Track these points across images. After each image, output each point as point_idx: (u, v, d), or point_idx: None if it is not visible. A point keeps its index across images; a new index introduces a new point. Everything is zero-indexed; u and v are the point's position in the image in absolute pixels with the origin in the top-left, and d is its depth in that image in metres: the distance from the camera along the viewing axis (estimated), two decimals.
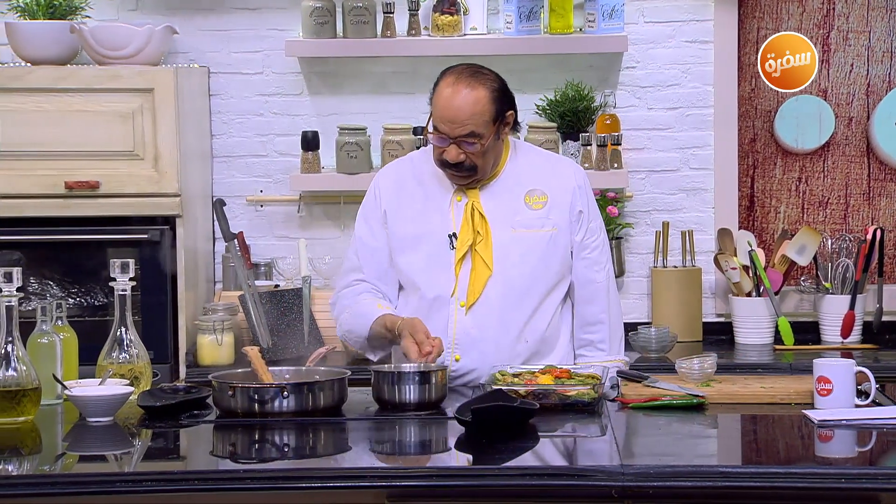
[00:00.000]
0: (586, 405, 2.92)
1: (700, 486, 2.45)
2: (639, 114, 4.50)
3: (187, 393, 3.01)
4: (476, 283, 3.20)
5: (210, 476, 2.53)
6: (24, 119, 4.02)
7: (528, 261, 3.22)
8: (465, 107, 3.11)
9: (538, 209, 3.24)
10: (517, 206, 3.24)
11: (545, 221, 3.24)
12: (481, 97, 3.12)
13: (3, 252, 4.08)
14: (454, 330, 3.20)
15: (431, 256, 3.22)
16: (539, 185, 3.26)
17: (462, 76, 3.14)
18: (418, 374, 2.93)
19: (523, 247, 3.22)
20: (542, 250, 3.23)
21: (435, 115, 3.15)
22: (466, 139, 3.12)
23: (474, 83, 3.13)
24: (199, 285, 4.31)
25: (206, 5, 4.48)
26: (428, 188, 3.26)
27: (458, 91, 3.12)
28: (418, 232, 3.24)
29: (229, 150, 4.52)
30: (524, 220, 3.23)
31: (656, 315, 4.44)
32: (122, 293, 3.06)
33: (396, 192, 3.28)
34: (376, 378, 2.94)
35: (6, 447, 2.74)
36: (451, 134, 3.12)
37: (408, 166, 3.34)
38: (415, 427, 2.85)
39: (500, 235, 3.21)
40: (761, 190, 4.58)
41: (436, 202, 3.25)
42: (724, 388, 3.07)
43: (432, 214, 3.24)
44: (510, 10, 4.34)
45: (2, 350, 2.85)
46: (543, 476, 2.48)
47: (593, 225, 3.31)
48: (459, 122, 3.11)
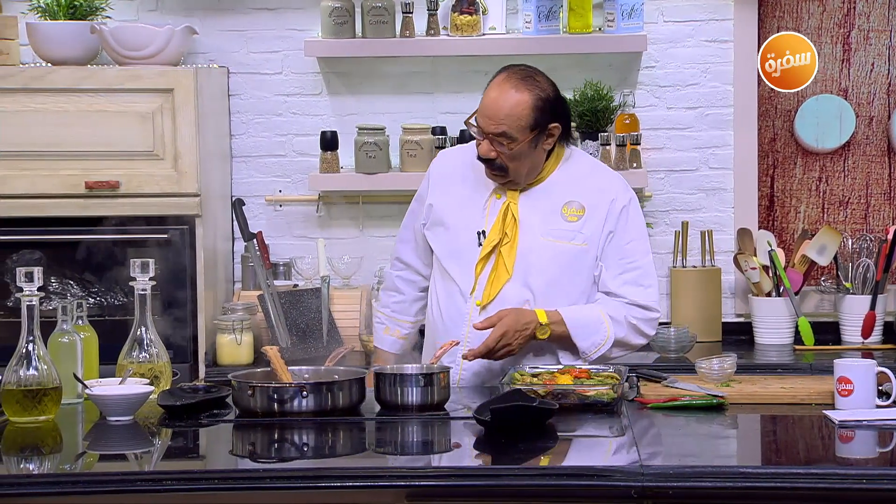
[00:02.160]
0: (605, 405, 2.91)
1: (720, 487, 2.45)
2: (658, 113, 4.49)
3: (207, 392, 3.01)
4: (493, 285, 3.19)
5: (230, 475, 2.54)
6: (45, 119, 4.03)
7: (551, 271, 3.19)
8: (503, 106, 3.10)
9: (573, 221, 3.20)
10: (553, 214, 3.21)
11: (576, 235, 3.20)
12: (522, 101, 3.11)
13: (24, 252, 4.09)
14: (467, 327, 3.20)
15: (458, 248, 3.23)
16: (579, 197, 3.22)
17: (512, 76, 3.14)
18: (421, 376, 2.92)
19: (548, 256, 3.19)
20: (567, 263, 3.19)
21: (480, 107, 3.16)
22: (498, 138, 3.12)
23: (521, 86, 3.12)
24: (219, 285, 4.32)
25: (225, 6, 4.49)
26: (473, 180, 3.26)
27: (504, 90, 3.12)
28: (452, 221, 3.24)
29: (248, 150, 4.53)
30: (556, 230, 3.20)
31: (675, 315, 4.43)
32: (142, 293, 3.07)
33: (445, 177, 3.30)
34: (379, 380, 2.93)
35: (27, 446, 2.75)
36: (485, 129, 3.13)
37: (461, 156, 3.33)
38: (433, 427, 2.85)
39: (528, 240, 3.19)
40: (781, 189, 4.56)
41: (476, 196, 3.24)
42: (743, 388, 3.06)
43: (469, 207, 3.24)
44: (529, 9, 4.34)
45: (23, 349, 2.87)
46: (563, 476, 2.48)
47: (633, 246, 3.22)
48: (495, 119, 3.11)
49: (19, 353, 2.86)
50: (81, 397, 3.04)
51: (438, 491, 2.49)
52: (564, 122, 3.19)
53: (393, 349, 3.39)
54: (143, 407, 2.94)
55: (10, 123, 4.03)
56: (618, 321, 3.19)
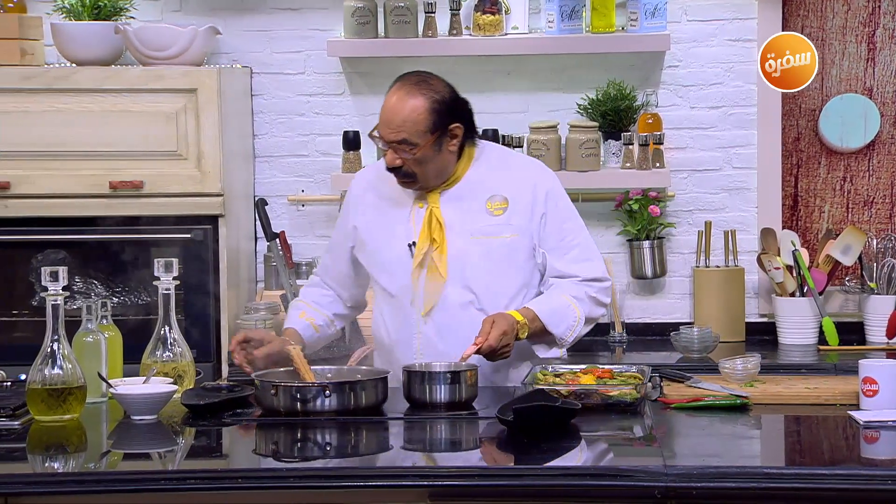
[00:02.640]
0: (628, 405, 2.90)
1: (743, 487, 2.44)
2: (681, 113, 4.48)
3: (230, 392, 3.02)
4: (431, 292, 3.19)
5: (253, 475, 2.55)
6: (69, 119, 4.05)
7: (487, 268, 3.20)
8: (399, 113, 3.11)
9: (499, 215, 3.22)
10: (477, 212, 3.22)
11: (505, 228, 3.21)
12: (417, 106, 3.11)
13: (49, 251, 4.11)
14: (418, 339, 3.22)
15: (393, 264, 3.23)
16: (500, 190, 3.23)
17: (405, 83, 3.15)
18: (449, 373, 2.93)
19: (481, 254, 3.20)
20: (502, 257, 3.21)
21: (379, 119, 3.17)
22: (400, 145, 3.12)
23: (414, 91, 3.12)
24: (241, 284, 4.33)
25: (248, 6, 4.51)
26: (392, 194, 3.26)
27: (398, 97, 3.13)
28: (382, 238, 3.25)
29: (271, 150, 4.54)
30: (483, 226, 3.21)
31: (698, 315, 4.41)
32: (165, 292, 3.08)
33: (362, 197, 3.31)
34: (408, 377, 2.94)
35: (52, 445, 2.77)
36: (385, 138, 3.14)
37: (374, 172, 3.35)
38: (456, 426, 2.85)
39: (458, 242, 3.20)
40: (805, 189, 4.54)
41: (398, 209, 3.25)
42: (767, 388, 3.05)
43: (395, 221, 3.25)
44: (552, 9, 4.33)
45: (48, 348, 2.88)
46: (586, 476, 2.48)
47: (569, 225, 3.26)
48: (393, 127, 3.12)
49: (44, 352, 2.88)
50: (106, 396, 3.05)
51: (461, 490, 2.49)
52: (466, 122, 3.19)
53: (305, 333, 3.32)
54: (167, 406, 2.95)
55: (34, 123, 4.05)
56: (580, 299, 3.23)
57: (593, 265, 3.27)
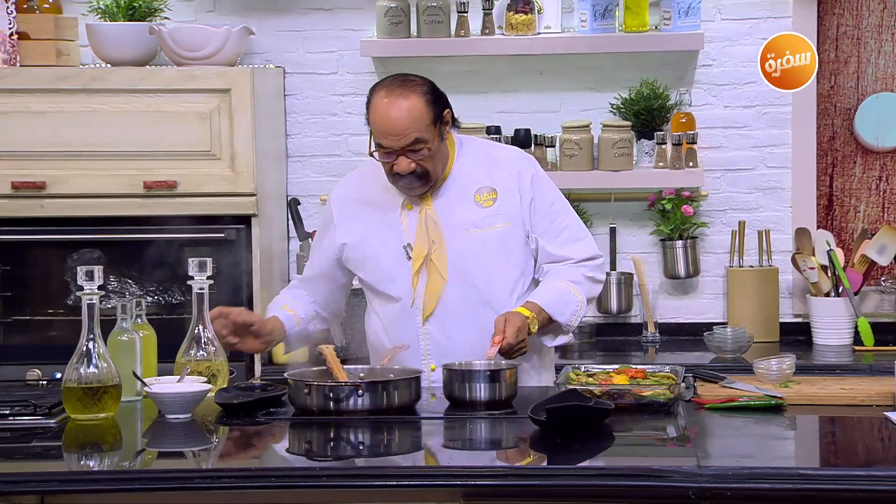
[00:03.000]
0: (662, 405, 2.89)
1: (778, 488, 2.42)
2: (715, 112, 4.46)
3: (263, 391, 3.03)
4: (431, 294, 3.20)
5: (286, 473, 2.55)
6: (104, 119, 4.08)
7: (486, 260, 3.21)
8: (403, 117, 3.10)
9: (489, 206, 3.23)
10: (468, 206, 3.23)
11: (497, 218, 3.23)
12: (416, 104, 3.12)
13: (84, 251, 4.14)
14: (424, 340, 3.22)
15: (389, 269, 3.23)
16: (486, 181, 3.24)
17: (392, 87, 3.14)
18: (489, 372, 2.93)
19: (479, 247, 3.21)
20: (498, 247, 3.22)
21: (376, 132, 3.15)
22: (412, 147, 3.12)
23: (406, 91, 3.13)
24: (274, 284, 4.35)
25: (281, 6, 4.52)
26: (377, 202, 3.26)
27: (393, 102, 3.11)
28: (373, 246, 3.25)
29: (304, 150, 4.56)
30: (476, 220, 3.22)
31: (732, 315, 4.39)
32: (199, 291, 3.10)
33: (347, 209, 3.30)
34: (448, 376, 2.95)
35: (87, 443, 2.79)
36: (396, 146, 3.12)
37: (357, 181, 3.35)
38: (488, 426, 2.85)
39: (455, 240, 3.21)
40: (840, 189, 4.51)
41: (387, 214, 3.25)
42: (802, 389, 3.03)
43: (385, 227, 3.24)
44: (585, 8, 4.32)
45: (83, 347, 2.90)
46: (619, 476, 2.47)
47: (556, 207, 3.28)
48: (402, 132, 3.11)
49: (80, 351, 2.90)
50: (140, 395, 3.07)
51: (494, 490, 2.49)
52: (450, 107, 3.21)
53: (287, 323, 3.29)
54: (201, 405, 2.96)
55: (70, 124, 4.08)
56: (579, 282, 3.24)
57: (584, 244, 3.29)
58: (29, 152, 4.09)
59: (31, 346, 4.14)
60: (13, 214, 4.10)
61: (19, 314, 4.18)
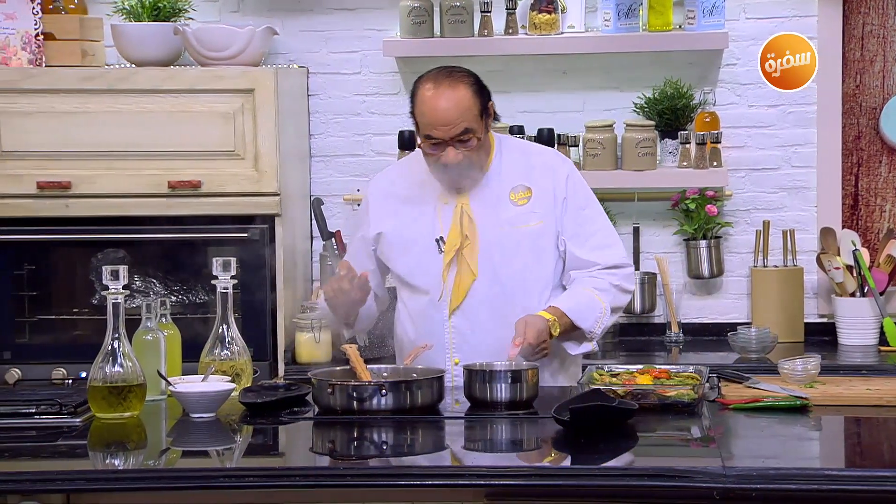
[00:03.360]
0: (686, 406, 2.88)
1: (804, 489, 2.41)
2: (739, 111, 4.44)
3: (287, 390, 3.04)
4: (460, 288, 3.21)
5: (310, 473, 2.56)
6: (128, 120, 4.09)
7: (517, 258, 3.22)
8: (454, 106, 3.13)
9: (523, 204, 3.24)
10: (503, 203, 3.24)
11: (530, 216, 3.24)
12: (465, 94, 3.14)
13: (109, 250, 4.16)
14: (449, 334, 3.22)
15: (421, 261, 3.24)
16: (522, 179, 3.26)
17: (440, 79, 3.17)
18: (510, 372, 2.93)
19: (511, 244, 3.22)
20: (530, 245, 3.23)
21: (424, 124, 3.16)
22: (461, 137, 3.14)
23: (454, 82, 3.15)
24: (297, 283, 4.36)
25: (305, 6, 4.53)
26: (411, 197, 3.28)
27: (441, 94, 3.14)
28: (407, 237, 3.26)
29: (327, 150, 4.56)
30: (511, 217, 3.23)
31: (756, 315, 4.37)
32: (223, 291, 3.11)
33: (384, 200, 3.31)
34: (468, 376, 2.95)
35: (113, 442, 2.80)
36: (446, 136, 3.14)
37: (394, 175, 3.38)
38: (512, 426, 2.85)
39: (488, 235, 3.22)
40: (866, 188, 4.49)
41: (422, 207, 3.26)
42: (828, 389, 3.02)
43: (419, 219, 3.26)
44: (608, 7, 4.31)
45: (109, 346, 2.91)
46: (644, 477, 2.46)
47: (588, 212, 3.28)
48: (453, 122, 3.13)
49: (105, 350, 2.91)
50: (165, 394, 3.08)
51: (518, 490, 2.49)
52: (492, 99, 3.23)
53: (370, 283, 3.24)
54: (225, 404, 2.97)
55: (95, 124, 4.10)
56: (604, 290, 3.23)
57: (613, 251, 3.28)
58: (54, 152, 4.11)
59: (56, 345, 4.16)
60: (39, 214, 4.12)
61: (45, 313, 4.20)
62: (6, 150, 4.11)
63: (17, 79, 4.10)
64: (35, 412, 2.91)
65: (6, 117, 4.09)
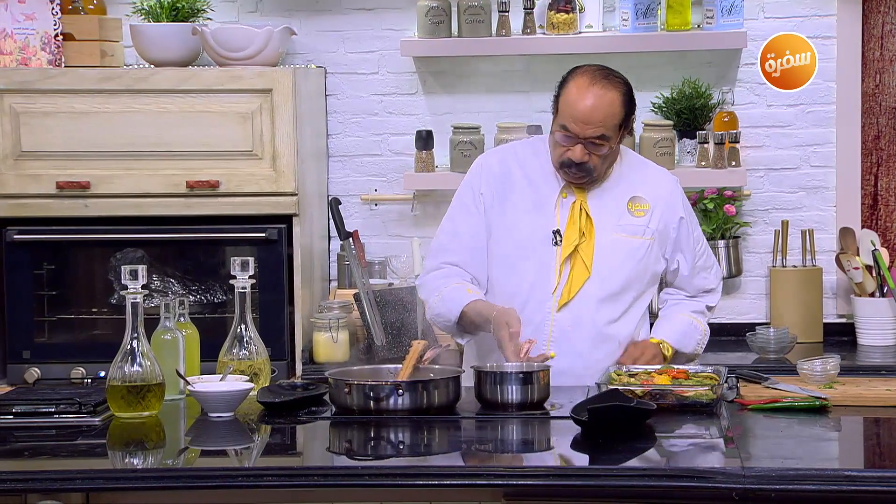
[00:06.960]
0: (704, 406, 2.88)
1: (823, 490, 2.41)
2: (758, 111, 4.43)
3: (305, 390, 3.04)
4: (573, 284, 3.20)
5: (327, 472, 2.56)
6: (147, 120, 4.11)
7: (626, 266, 3.23)
8: (599, 108, 3.10)
9: (640, 217, 3.25)
10: (621, 210, 3.25)
11: (645, 230, 3.26)
12: (615, 100, 3.12)
13: (128, 250, 4.17)
14: (551, 326, 3.21)
15: (533, 250, 3.22)
16: (642, 192, 3.27)
17: (597, 77, 3.14)
18: (521, 374, 2.92)
19: (623, 252, 3.23)
20: (640, 257, 3.25)
21: (564, 114, 3.13)
22: (595, 140, 3.12)
23: (609, 85, 3.13)
24: (315, 283, 4.36)
25: (323, 6, 4.53)
26: (535, 181, 3.26)
27: (594, 92, 3.11)
28: (522, 224, 3.24)
29: (345, 150, 4.57)
30: (626, 225, 3.24)
31: (775, 315, 4.36)
32: (241, 291, 3.11)
33: (502, 180, 3.27)
34: (479, 378, 2.94)
35: (132, 441, 2.81)
36: (581, 134, 3.12)
37: (511, 156, 3.32)
38: (529, 426, 2.85)
39: (602, 238, 3.22)
40: (885, 188, 4.47)
41: (542, 197, 3.25)
42: (847, 390, 3.01)
43: (538, 209, 3.24)
44: (626, 7, 4.31)
45: (127, 346, 2.92)
46: (662, 477, 2.46)
47: (698, 233, 3.37)
48: (593, 122, 3.10)
49: (124, 349, 2.92)
50: (183, 393, 3.09)
51: (536, 490, 2.49)
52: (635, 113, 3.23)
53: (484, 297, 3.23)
54: (243, 403, 2.97)
55: (114, 124, 4.11)
56: (699, 312, 3.36)
57: (712, 274, 3.39)
58: (73, 152, 4.12)
59: (75, 344, 4.18)
60: (58, 214, 4.14)
61: (64, 313, 4.22)
62: (26, 151, 4.13)
63: (37, 79, 4.12)
64: (55, 411, 2.92)
65: (26, 117, 4.11)
